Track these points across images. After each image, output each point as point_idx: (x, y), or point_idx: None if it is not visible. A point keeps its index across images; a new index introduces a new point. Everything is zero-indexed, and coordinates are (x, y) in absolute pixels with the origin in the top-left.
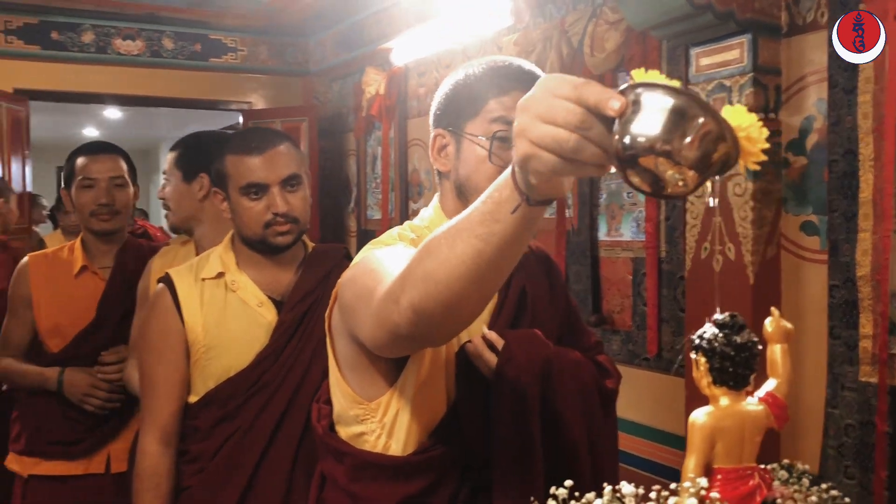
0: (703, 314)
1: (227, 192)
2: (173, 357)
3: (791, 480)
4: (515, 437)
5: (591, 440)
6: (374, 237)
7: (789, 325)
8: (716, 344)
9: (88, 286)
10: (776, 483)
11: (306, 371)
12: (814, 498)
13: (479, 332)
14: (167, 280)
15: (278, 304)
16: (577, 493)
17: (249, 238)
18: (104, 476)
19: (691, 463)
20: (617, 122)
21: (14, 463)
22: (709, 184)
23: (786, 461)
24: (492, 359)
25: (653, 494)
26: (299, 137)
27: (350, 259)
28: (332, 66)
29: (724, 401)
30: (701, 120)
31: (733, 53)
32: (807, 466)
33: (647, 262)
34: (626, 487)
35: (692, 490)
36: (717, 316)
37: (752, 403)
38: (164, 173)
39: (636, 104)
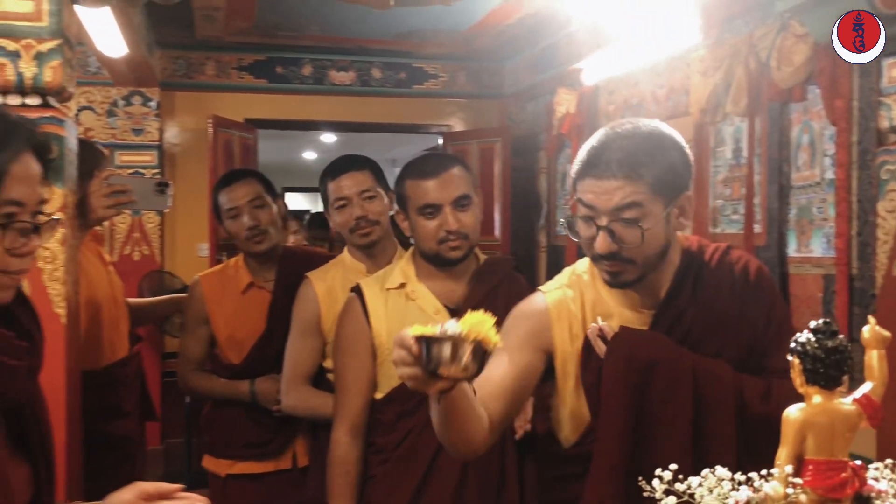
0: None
1: (407, 212)
2: (363, 358)
3: (892, 479)
4: (609, 423)
5: (696, 449)
6: (563, 252)
7: (886, 333)
8: (808, 347)
9: (256, 300)
10: (879, 482)
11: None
12: None
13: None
14: (357, 290)
15: (452, 312)
16: (680, 476)
17: (426, 252)
18: (291, 471)
19: (783, 454)
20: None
21: (210, 464)
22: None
23: (889, 460)
24: (601, 348)
25: (744, 479)
26: (493, 157)
27: (519, 272)
28: (525, 89)
29: (817, 399)
30: (456, 347)
31: None
32: None
33: (837, 280)
34: (721, 471)
35: (779, 476)
36: (813, 322)
37: (846, 402)
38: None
39: (427, 346)
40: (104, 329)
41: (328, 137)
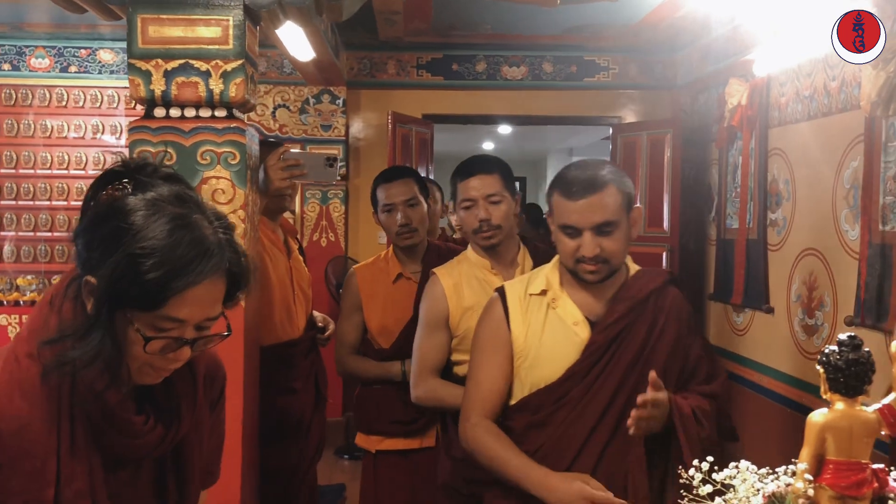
0: None
1: (553, 221)
2: (500, 358)
3: None
4: None
5: None
6: (732, 247)
7: None
8: (832, 358)
9: (404, 290)
10: None
11: (616, 391)
12: None
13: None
14: (501, 291)
15: (593, 325)
16: (716, 467)
17: (566, 266)
18: (435, 449)
19: (805, 453)
20: None
21: (362, 441)
22: None
23: None
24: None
25: (764, 470)
26: (663, 148)
27: (676, 285)
28: (697, 79)
29: (839, 405)
30: None
31: None
32: None
33: None
34: (744, 463)
35: (799, 473)
36: (841, 335)
37: (867, 410)
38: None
39: None
40: (275, 310)
41: (504, 129)
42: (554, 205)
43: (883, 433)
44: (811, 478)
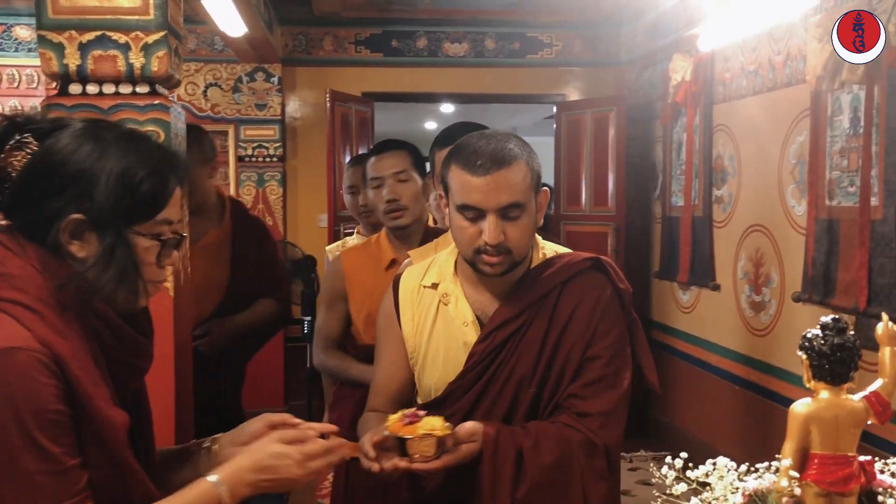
0: None
1: (449, 201)
2: (392, 356)
3: None
4: None
5: None
6: (678, 225)
7: None
8: (815, 343)
9: None
10: (885, 475)
11: (509, 410)
12: None
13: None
14: (396, 280)
15: (482, 325)
16: (690, 465)
17: (463, 256)
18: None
19: (788, 447)
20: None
21: None
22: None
23: None
24: None
25: (744, 467)
26: (608, 126)
27: (604, 271)
28: (641, 56)
29: (824, 394)
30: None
31: None
32: None
33: None
34: (722, 460)
35: (783, 469)
36: (823, 318)
37: (852, 398)
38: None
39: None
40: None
41: (447, 108)
42: (451, 180)
43: (870, 423)
44: (797, 474)
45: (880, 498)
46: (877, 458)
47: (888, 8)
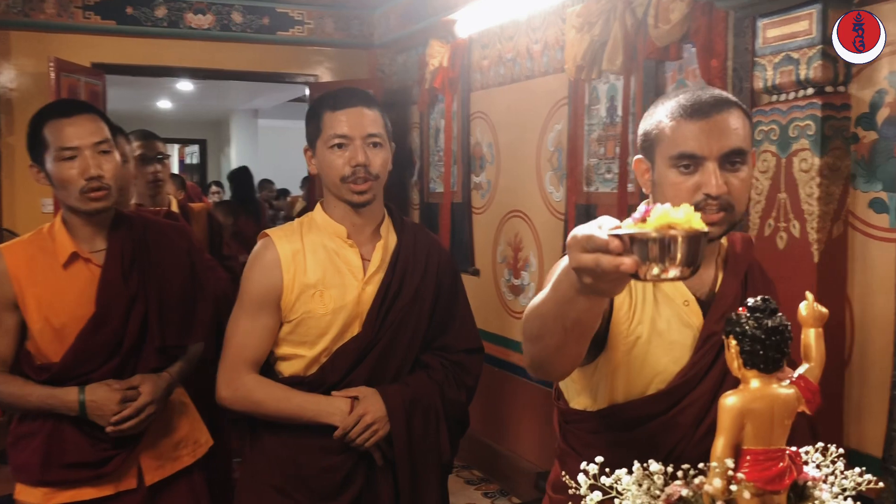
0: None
1: (653, 163)
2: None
3: (824, 464)
4: None
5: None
6: (437, 211)
7: (824, 310)
8: (747, 327)
9: (82, 276)
10: (810, 467)
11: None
12: (847, 482)
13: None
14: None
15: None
16: (607, 470)
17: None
18: (137, 491)
19: (721, 444)
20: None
21: (26, 495)
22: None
23: (820, 445)
24: None
25: (679, 473)
26: None
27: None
28: (396, 39)
29: (755, 383)
30: (667, 240)
31: (802, 25)
32: (841, 451)
33: None
34: (654, 465)
35: (719, 470)
36: (750, 300)
37: (784, 386)
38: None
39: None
40: None
41: (185, 86)
42: (656, 134)
43: (799, 410)
44: (741, 475)
45: (808, 492)
46: (792, 447)
47: (645, 1)
